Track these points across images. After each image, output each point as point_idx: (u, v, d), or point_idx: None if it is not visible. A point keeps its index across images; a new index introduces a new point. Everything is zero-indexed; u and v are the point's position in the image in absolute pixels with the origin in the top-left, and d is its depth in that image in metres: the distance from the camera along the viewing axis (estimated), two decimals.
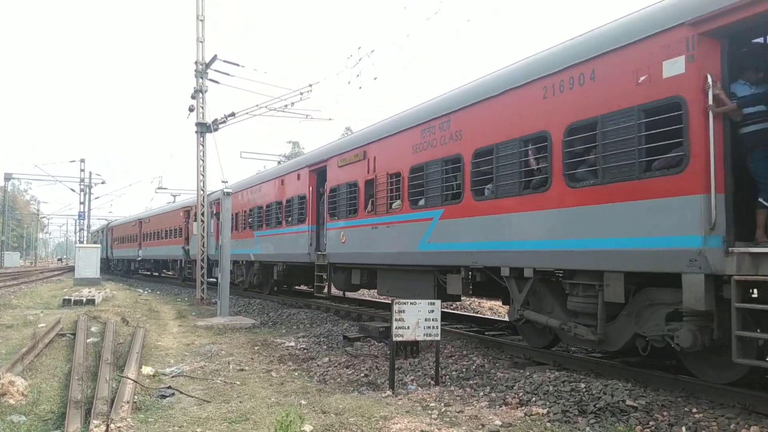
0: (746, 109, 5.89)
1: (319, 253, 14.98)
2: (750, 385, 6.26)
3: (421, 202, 10.62)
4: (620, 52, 6.76)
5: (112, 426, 5.56)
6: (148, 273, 40.45)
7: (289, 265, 17.96)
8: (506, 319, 11.44)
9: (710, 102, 5.79)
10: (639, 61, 6.53)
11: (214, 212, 24.06)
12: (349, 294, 18.41)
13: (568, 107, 7.40)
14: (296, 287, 21.62)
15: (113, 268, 48.07)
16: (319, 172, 15.42)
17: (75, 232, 65.21)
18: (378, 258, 12.11)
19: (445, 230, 9.87)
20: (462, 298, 12.63)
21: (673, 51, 6.18)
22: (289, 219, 17.10)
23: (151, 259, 37.19)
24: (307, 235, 15.63)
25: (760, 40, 6.60)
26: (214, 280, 23.21)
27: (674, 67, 6.16)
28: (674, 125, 6.07)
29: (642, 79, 6.46)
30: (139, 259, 39.30)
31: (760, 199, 5.89)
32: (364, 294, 19.59)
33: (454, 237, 9.65)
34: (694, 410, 5.79)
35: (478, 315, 14.10)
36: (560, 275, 8.02)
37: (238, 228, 21.61)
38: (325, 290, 15.16)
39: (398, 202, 11.46)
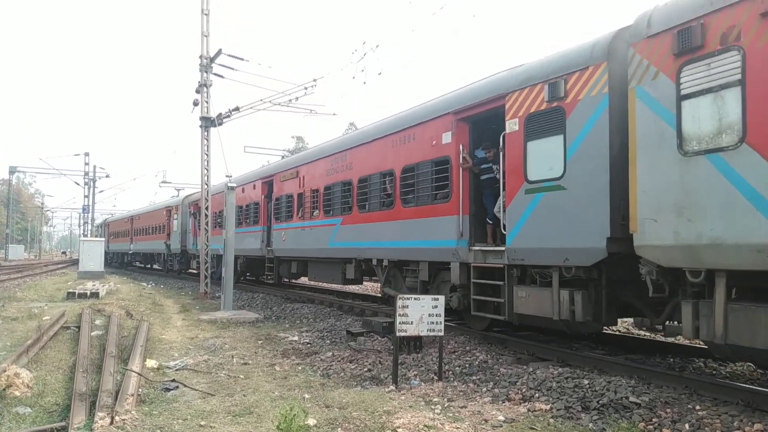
0: (481, 166, 9.82)
1: (268, 248, 18.91)
2: (752, 380, 6.25)
3: (330, 212, 14.68)
4: (426, 124, 10.93)
5: (116, 418, 5.59)
6: (142, 265, 42.55)
7: (248, 258, 21.62)
8: None
9: (461, 161, 9.90)
10: (433, 131, 10.63)
11: (191, 212, 28.40)
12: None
13: (403, 155, 11.56)
14: (261, 277, 23.49)
15: (110, 261, 49.41)
16: (269, 183, 19.21)
17: (79, 226, 65.45)
18: (306, 252, 16.22)
19: (344, 233, 13.96)
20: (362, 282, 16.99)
21: (446, 128, 10.29)
22: (248, 221, 20.91)
23: (141, 252, 40.27)
24: (260, 234, 19.54)
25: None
26: (194, 271, 28.57)
27: (447, 137, 10.27)
28: (446, 173, 10.22)
29: (434, 142, 10.57)
30: (131, 252, 42.94)
31: (487, 219, 9.85)
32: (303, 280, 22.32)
33: (348, 238, 13.72)
34: (698, 407, 5.79)
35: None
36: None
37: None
38: (274, 279, 19.34)
39: (317, 211, 15.45)
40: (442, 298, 7.62)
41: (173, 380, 7.56)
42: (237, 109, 20.60)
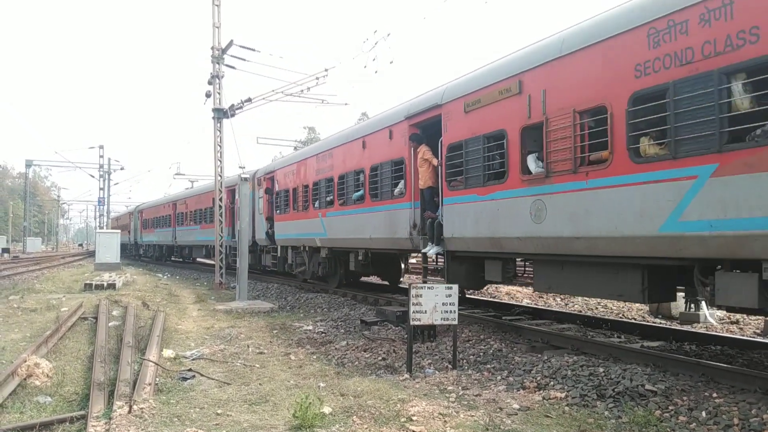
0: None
1: (175, 240, 34.52)
2: None
3: (194, 222, 30.35)
4: (209, 193, 26.40)
5: (135, 407, 5.66)
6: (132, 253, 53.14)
7: (167, 246, 38.17)
8: (523, 303, 12.40)
9: (231, 205, 24.24)
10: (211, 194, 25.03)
11: (140, 217, 45.30)
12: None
13: (203, 203, 29.14)
14: (171, 257, 39.61)
15: None
16: (175, 204, 35.23)
17: (95, 218, 66.14)
18: (190, 242, 31.83)
19: (181, 234, 33.44)
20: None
21: (222, 192, 21.48)
22: (163, 225, 37.40)
23: (121, 243, 52.52)
24: (171, 232, 35.33)
25: None
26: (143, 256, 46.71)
27: (223, 198, 21.51)
28: (221, 209, 22.30)
29: (218, 198, 21.48)
30: None
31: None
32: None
33: (195, 235, 30.26)
34: (715, 395, 5.73)
35: (496, 300, 14.08)
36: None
37: (148, 227, 42.23)
38: (177, 257, 37.79)
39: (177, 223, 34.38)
40: (455, 287, 7.61)
41: (190, 369, 7.64)
42: (249, 100, 20.64)
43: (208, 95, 20.35)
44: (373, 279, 18.87)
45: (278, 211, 18.95)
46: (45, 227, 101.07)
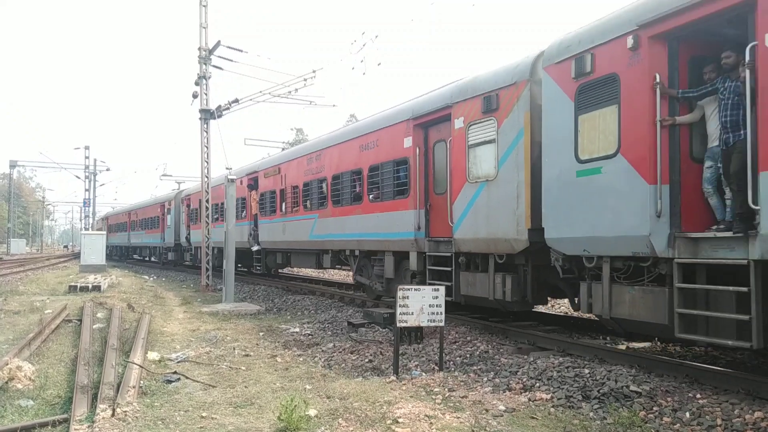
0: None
1: (130, 242, 44.06)
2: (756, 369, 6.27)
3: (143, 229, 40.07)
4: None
5: (118, 410, 5.61)
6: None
7: (124, 247, 46.67)
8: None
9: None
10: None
11: (107, 223, 52.91)
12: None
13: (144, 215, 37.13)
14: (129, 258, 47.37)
15: None
16: (128, 213, 44.88)
17: (80, 219, 65.65)
18: (139, 244, 42.15)
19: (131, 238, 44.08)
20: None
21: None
22: (121, 230, 46.50)
23: None
24: (126, 235, 44.36)
25: None
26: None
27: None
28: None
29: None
30: None
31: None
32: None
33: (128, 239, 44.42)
34: (698, 396, 5.79)
35: None
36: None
37: (112, 231, 49.51)
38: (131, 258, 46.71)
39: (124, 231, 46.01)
40: (442, 289, 7.62)
41: (175, 372, 7.58)
42: (236, 101, 20.54)
43: (195, 96, 20.24)
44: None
45: (192, 223, 27.55)
46: (30, 229, 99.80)
